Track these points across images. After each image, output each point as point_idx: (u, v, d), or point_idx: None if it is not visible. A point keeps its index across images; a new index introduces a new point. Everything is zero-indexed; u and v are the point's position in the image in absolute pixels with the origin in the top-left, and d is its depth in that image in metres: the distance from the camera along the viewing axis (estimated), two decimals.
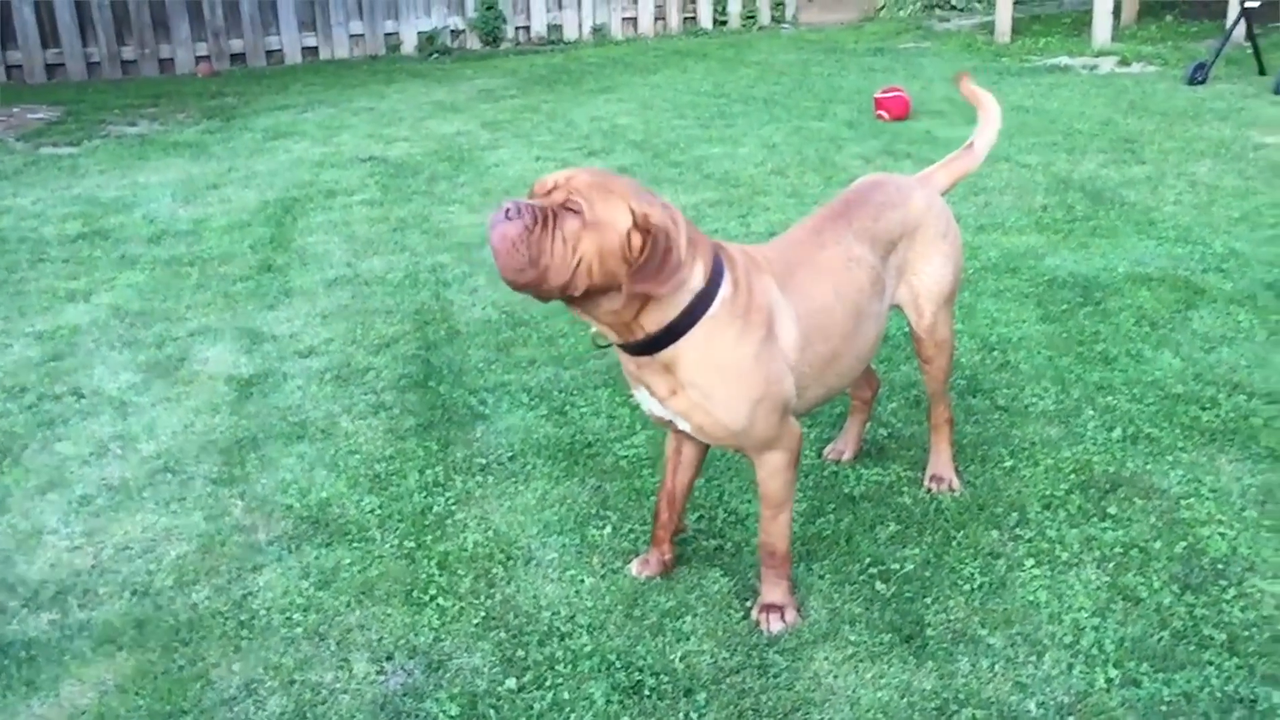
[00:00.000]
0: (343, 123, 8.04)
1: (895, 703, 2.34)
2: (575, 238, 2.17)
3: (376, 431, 3.53)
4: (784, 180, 6.02)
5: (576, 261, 2.17)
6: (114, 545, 2.99)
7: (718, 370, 2.35)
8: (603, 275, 2.20)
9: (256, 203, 6.05)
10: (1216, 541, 2.78)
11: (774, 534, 2.56)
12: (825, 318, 2.54)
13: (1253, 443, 3.21)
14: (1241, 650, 2.42)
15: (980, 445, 3.28)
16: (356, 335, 4.25)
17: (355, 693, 2.44)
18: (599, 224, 2.18)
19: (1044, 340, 3.93)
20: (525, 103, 8.51)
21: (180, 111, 8.64)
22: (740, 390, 2.37)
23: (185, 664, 2.54)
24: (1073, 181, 5.73)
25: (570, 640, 2.56)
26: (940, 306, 2.89)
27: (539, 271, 2.16)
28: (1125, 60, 8.90)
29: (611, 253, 2.19)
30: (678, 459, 2.74)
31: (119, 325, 4.44)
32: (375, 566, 2.86)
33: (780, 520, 2.55)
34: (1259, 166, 5.82)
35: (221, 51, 10.78)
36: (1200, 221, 5.04)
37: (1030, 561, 2.75)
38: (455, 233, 5.41)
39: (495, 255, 2.16)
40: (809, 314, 2.50)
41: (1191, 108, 7.18)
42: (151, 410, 3.73)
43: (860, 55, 10.02)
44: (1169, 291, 4.28)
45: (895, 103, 7.28)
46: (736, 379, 2.36)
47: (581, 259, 2.17)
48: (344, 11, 11.14)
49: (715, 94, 8.49)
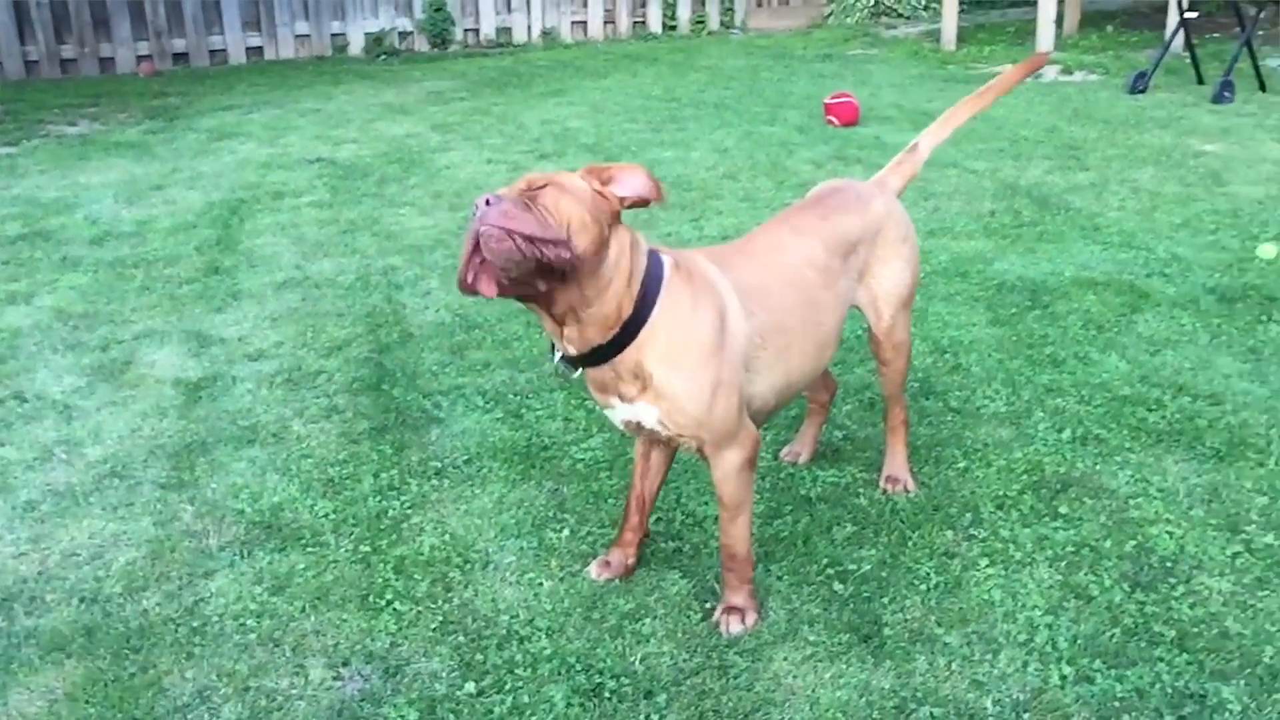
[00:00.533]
0: (289, 124, 7.95)
1: (854, 702, 2.35)
2: (555, 202, 2.19)
3: (329, 435, 3.49)
4: (736, 184, 6.04)
5: (566, 223, 2.18)
6: (60, 551, 2.93)
7: (681, 346, 2.36)
8: (596, 225, 2.22)
9: (202, 204, 5.96)
10: (1165, 540, 2.83)
11: (733, 536, 2.57)
12: (769, 299, 2.56)
13: (1198, 443, 3.27)
14: (1191, 646, 2.46)
15: (934, 447, 3.31)
16: (307, 338, 4.20)
17: (311, 699, 2.41)
18: (567, 188, 2.23)
19: (994, 343, 3.97)
20: (475, 105, 8.48)
21: (122, 111, 8.50)
22: (700, 365, 2.38)
23: (136, 671, 2.49)
24: (1019, 187, 5.82)
25: (529, 643, 2.55)
26: (898, 309, 2.92)
27: (534, 246, 2.11)
28: (1068, 69, 9.04)
29: (591, 203, 2.23)
30: (646, 464, 2.75)
31: (62, 328, 4.35)
32: (330, 571, 2.82)
33: (739, 523, 2.56)
34: (1199, 174, 5.94)
35: (163, 51, 10.62)
36: (1143, 227, 5.14)
37: (985, 561, 2.78)
38: (406, 235, 5.37)
39: (487, 245, 2.09)
40: (749, 290, 2.51)
41: (1133, 116, 7.32)
42: (97, 414, 3.66)
43: (809, 61, 10.09)
44: (1114, 295, 4.35)
45: (845, 108, 7.34)
46: (697, 352, 2.37)
47: (569, 220, 2.18)
48: (289, 12, 11.02)
49: (666, 98, 8.51)
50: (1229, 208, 5.34)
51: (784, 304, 2.60)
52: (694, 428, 2.43)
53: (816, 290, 2.68)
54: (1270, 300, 4.22)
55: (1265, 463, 3.15)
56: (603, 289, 2.27)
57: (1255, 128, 6.84)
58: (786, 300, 2.61)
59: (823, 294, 2.69)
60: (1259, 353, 3.82)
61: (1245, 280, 4.43)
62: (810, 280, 2.67)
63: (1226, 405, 3.47)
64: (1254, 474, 3.10)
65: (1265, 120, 7.02)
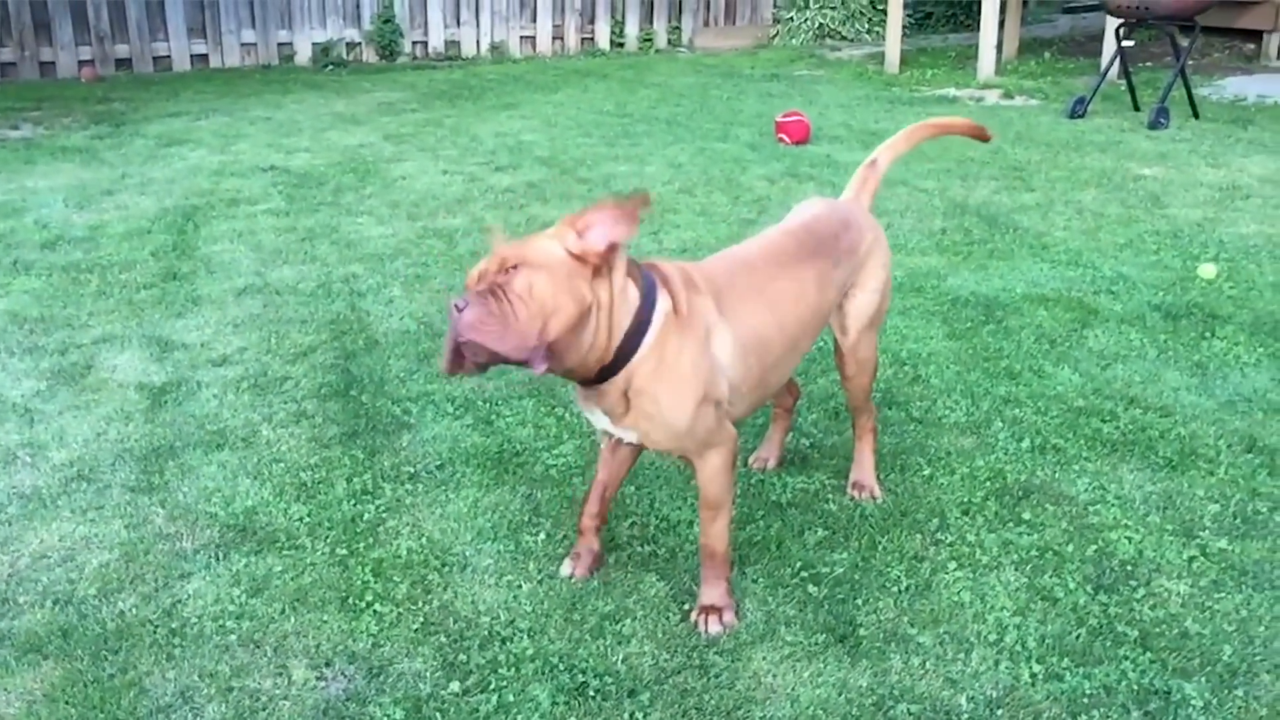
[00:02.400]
0: (239, 131, 7.89)
1: (834, 699, 2.41)
2: (527, 287, 2.23)
3: (299, 440, 3.48)
4: (692, 199, 6.11)
5: (540, 307, 2.22)
6: (30, 554, 2.90)
7: (664, 378, 2.42)
8: (574, 303, 2.26)
9: (155, 210, 5.90)
10: (1124, 545, 2.93)
11: (713, 535, 2.62)
12: (763, 346, 2.64)
13: (1151, 453, 3.39)
14: (1153, 645, 2.56)
15: (899, 455, 3.39)
16: (271, 344, 4.18)
17: (295, 699, 2.41)
18: (540, 265, 2.25)
19: (951, 356, 4.08)
20: (428, 117, 8.48)
21: (65, 116, 8.38)
22: (683, 393, 2.44)
23: (116, 672, 2.47)
24: (968, 206, 5.96)
25: (511, 644, 2.58)
26: (865, 328, 3.00)
27: (515, 336, 2.20)
28: (1009, 93, 9.27)
29: (566, 276, 2.26)
30: (612, 454, 2.79)
31: (17, 332, 4.29)
32: (308, 574, 2.83)
33: (720, 522, 2.61)
34: (1139, 196, 6.13)
35: (106, 56, 10.47)
36: (1089, 246, 5.29)
37: (953, 564, 2.86)
38: (366, 244, 5.37)
39: (468, 346, 2.21)
40: (747, 337, 2.58)
41: (1073, 140, 7.52)
42: (59, 418, 3.62)
43: (757, 80, 10.23)
44: (1064, 311, 4.48)
45: (796, 127, 7.46)
46: (679, 383, 2.44)
47: (544, 303, 2.23)
48: (236, 19, 10.94)
49: (618, 114, 8.58)
50: (1169, 229, 5.52)
51: (779, 355, 2.69)
52: (675, 444, 2.51)
53: (805, 322, 2.77)
54: (1213, 318, 4.38)
55: (1215, 472, 3.27)
56: (583, 346, 2.33)
57: (1190, 153, 7.07)
58: (782, 352, 2.70)
59: (809, 323, 2.79)
60: (1205, 367, 3.96)
61: (1188, 298, 4.58)
62: (804, 319, 2.76)
63: (1176, 417, 3.60)
64: (1205, 482, 3.22)
65: (1199, 146, 7.26)
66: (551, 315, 2.24)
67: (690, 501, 3.12)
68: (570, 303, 2.26)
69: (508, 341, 2.21)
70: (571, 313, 2.26)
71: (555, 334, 2.24)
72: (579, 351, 2.32)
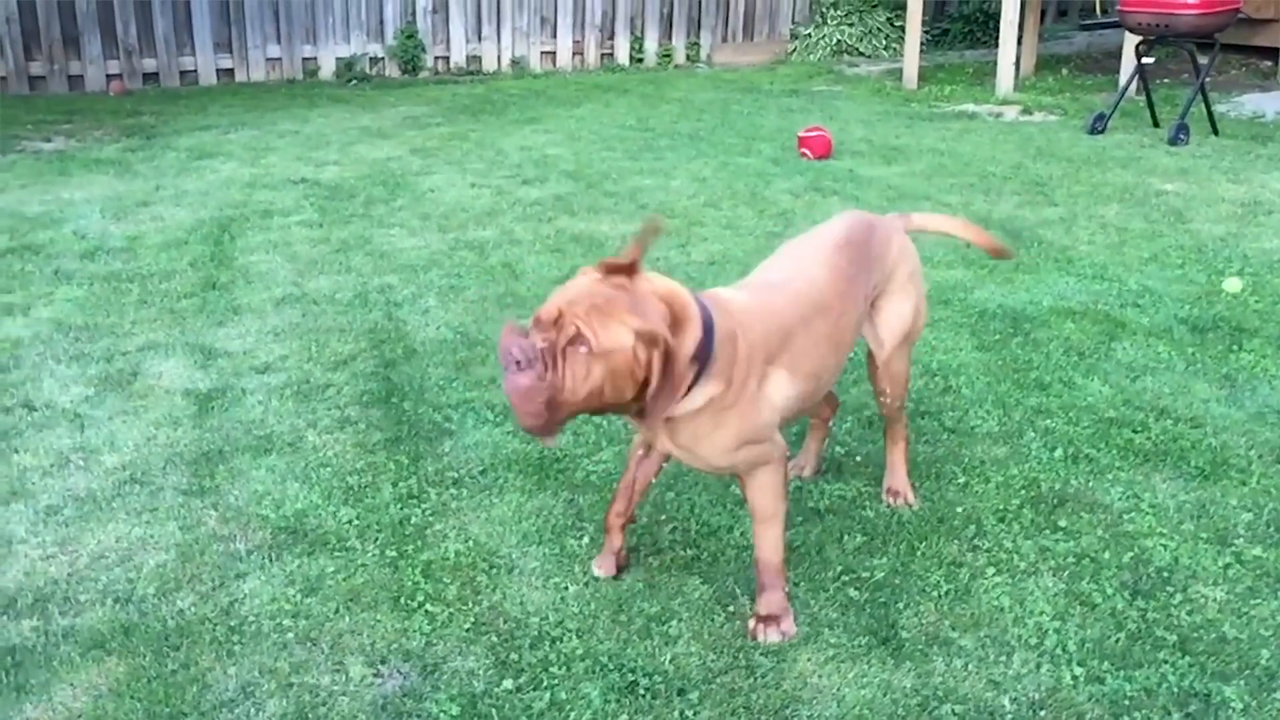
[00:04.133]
0: (269, 145, 7.99)
1: (879, 700, 2.47)
2: (585, 369, 2.25)
3: (344, 445, 3.55)
4: (718, 212, 6.19)
5: (590, 391, 2.27)
6: (89, 554, 2.97)
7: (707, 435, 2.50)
8: (614, 394, 2.31)
9: (191, 221, 5.99)
10: (1160, 552, 2.98)
11: (766, 547, 2.67)
12: (818, 374, 2.72)
13: (1183, 463, 3.44)
14: (1192, 650, 2.61)
15: (933, 463, 3.45)
16: (312, 352, 4.26)
17: (354, 695, 2.48)
18: (606, 352, 2.25)
19: (981, 367, 4.13)
20: (453, 131, 8.57)
21: (97, 129, 8.49)
22: (727, 439, 2.52)
23: (178, 668, 2.54)
24: (992, 221, 6.02)
25: (561, 644, 2.64)
26: (900, 343, 3.06)
27: (557, 409, 2.27)
28: (1028, 109, 9.33)
29: (622, 374, 2.29)
30: (644, 452, 2.85)
31: (63, 339, 4.37)
32: (359, 574, 2.89)
33: (772, 533, 2.66)
34: (1162, 211, 6.18)
35: (134, 70, 10.59)
36: (1114, 260, 5.35)
37: (991, 570, 2.91)
38: (399, 255, 5.45)
39: (514, 409, 2.28)
40: (804, 372, 2.65)
41: (1094, 155, 7.58)
42: (109, 423, 3.69)
43: (777, 96, 10.31)
44: (1091, 324, 4.54)
45: (818, 142, 7.53)
46: (723, 435, 2.52)
47: (596, 387, 2.27)
48: (261, 35, 11.05)
49: (640, 128, 8.66)
50: (1193, 244, 5.57)
51: (827, 379, 2.79)
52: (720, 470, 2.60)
53: (844, 341, 2.84)
54: (1239, 331, 4.43)
55: (1248, 481, 3.32)
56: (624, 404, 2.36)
57: (1211, 169, 7.12)
58: (829, 374, 2.79)
59: (847, 340, 2.86)
60: (1233, 379, 4.01)
61: (1215, 312, 4.63)
62: (853, 331, 2.84)
63: (1207, 428, 3.65)
64: (1238, 492, 3.27)
65: (1219, 162, 7.31)
66: (593, 398, 2.29)
67: (730, 507, 3.19)
68: (625, 386, 2.30)
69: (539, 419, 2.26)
70: (619, 394, 2.31)
71: (592, 410, 2.33)
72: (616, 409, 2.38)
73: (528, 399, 2.24)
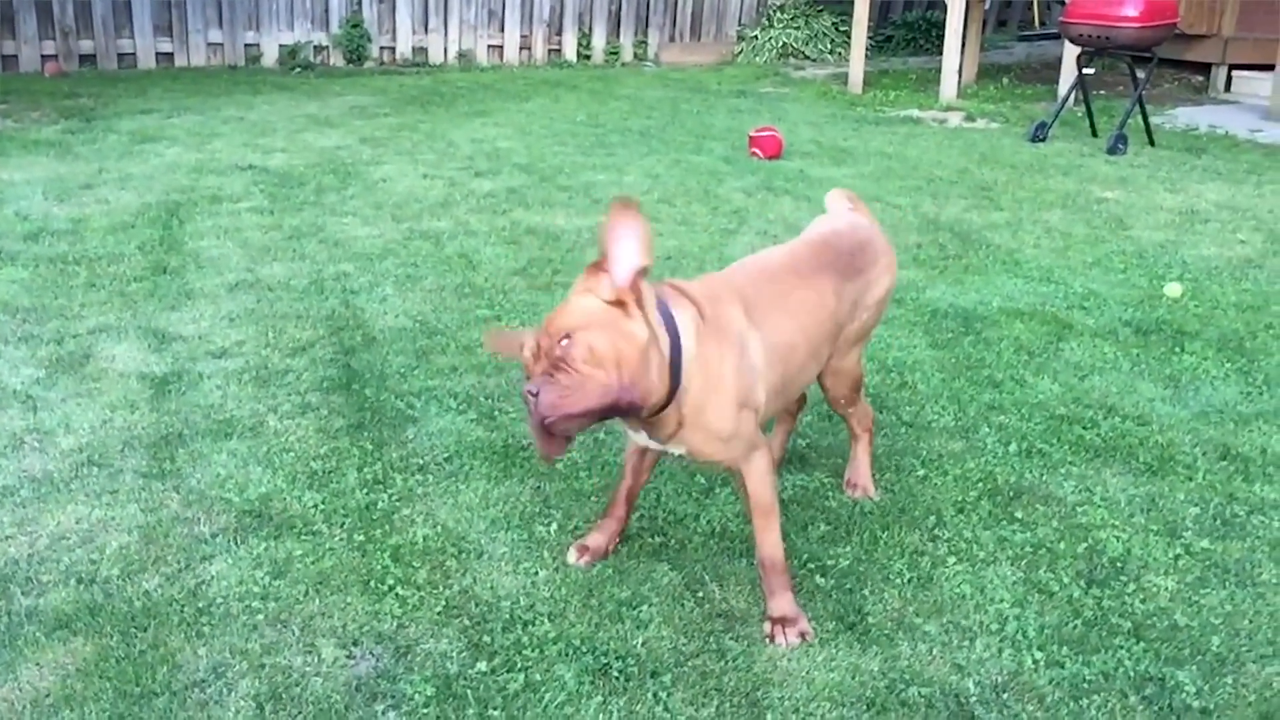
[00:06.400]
0: (213, 130, 7.88)
1: (848, 682, 2.51)
2: (588, 350, 2.30)
3: (307, 430, 3.53)
4: (672, 209, 6.23)
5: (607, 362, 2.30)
6: (49, 535, 2.93)
7: (712, 387, 2.52)
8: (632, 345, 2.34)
9: (137, 205, 5.89)
10: (1113, 543, 3.07)
11: (769, 545, 2.69)
12: (788, 351, 2.75)
13: (1132, 459, 3.54)
14: (1146, 636, 2.69)
15: (893, 456, 3.52)
16: (269, 338, 4.22)
17: (327, 675, 2.47)
18: (588, 324, 2.32)
19: (935, 364, 4.22)
20: (401, 121, 8.51)
21: (34, 110, 8.31)
22: (727, 399, 2.55)
23: (147, 648, 2.51)
24: (941, 223, 6.13)
25: (533, 627, 2.65)
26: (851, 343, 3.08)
27: (598, 389, 2.28)
28: (971, 116, 9.50)
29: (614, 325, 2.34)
30: (640, 462, 2.90)
31: (10, 321, 4.29)
32: (328, 558, 2.88)
33: (774, 530, 2.69)
34: (1103, 218, 6.34)
35: (70, 52, 10.38)
36: (1059, 264, 5.48)
37: (952, 559, 2.98)
38: (354, 244, 5.41)
39: (556, 425, 2.29)
40: (775, 344, 2.68)
41: (1036, 162, 7.74)
42: (63, 405, 3.63)
43: (725, 96, 10.38)
44: (1040, 325, 4.64)
45: (769, 142, 7.60)
46: (724, 390, 2.54)
47: (608, 356, 2.30)
48: (203, 19, 10.88)
49: (591, 124, 8.68)
50: (1134, 249, 5.73)
51: (801, 363, 2.82)
52: (723, 452, 2.61)
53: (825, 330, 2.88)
54: (1181, 334, 4.56)
55: (1194, 477, 3.43)
56: (654, 380, 2.40)
57: (1149, 178, 7.32)
58: (805, 360, 2.83)
59: (830, 331, 2.91)
60: (1177, 380, 4.14)
61: (1157, 315, 4.77)
62: (824, 326, 2.88)
63: (1153, 425, 3.76)
64: (1185, 487, 3.38)
65: (1157, 172, 7.51)
66: (620, 364, 2.32)
67: (696, 495, 3.22)
68: (629, 346, 2.33)
69: (592, 397, 2.28)
70: (635, 355, 2.33)
71: (630, 379, 2.32)
72: (651, 388, 2.39)
73: (560, 402, 2.26)
